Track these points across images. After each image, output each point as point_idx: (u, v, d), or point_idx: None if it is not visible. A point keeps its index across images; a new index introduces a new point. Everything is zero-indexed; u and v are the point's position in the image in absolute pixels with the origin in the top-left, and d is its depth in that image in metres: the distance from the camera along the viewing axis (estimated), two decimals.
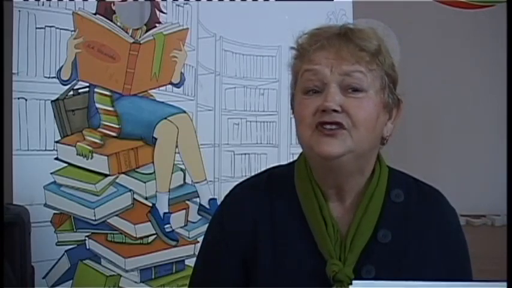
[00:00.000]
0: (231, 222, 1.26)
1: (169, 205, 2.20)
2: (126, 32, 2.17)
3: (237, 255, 1.24)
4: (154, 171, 2.19)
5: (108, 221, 2.15)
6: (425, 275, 1.11)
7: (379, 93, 1.17)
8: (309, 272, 1.18)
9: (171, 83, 2.20)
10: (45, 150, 2.09)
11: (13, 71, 2.05)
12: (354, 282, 1.04)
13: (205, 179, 2.24)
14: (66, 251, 2.12)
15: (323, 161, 1.16)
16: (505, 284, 1.02)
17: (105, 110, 2.15)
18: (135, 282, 2.18)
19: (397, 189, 1.23)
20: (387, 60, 1.19)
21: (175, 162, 2.21)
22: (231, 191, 1.32)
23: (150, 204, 2.19)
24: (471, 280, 1.16)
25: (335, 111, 1.13)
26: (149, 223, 2.19)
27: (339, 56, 1.15)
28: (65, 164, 2.11)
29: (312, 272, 1.18)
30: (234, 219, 1.26)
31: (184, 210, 2.22)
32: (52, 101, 2.10)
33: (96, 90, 2.14)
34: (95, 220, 2.14)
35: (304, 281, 1.18)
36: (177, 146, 2.21)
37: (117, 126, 2.16)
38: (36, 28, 2.08)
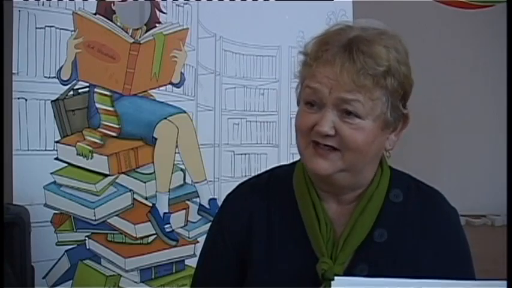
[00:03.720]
0: (229, 219, 1.29)
1: (169, 205, 2.20)
2: (126, 32, 2.17)
3: (234, 252, 1.26)
4: (154, 171, 2.19)
5: (108, 221, 2.16)
6: (421, 275, 1.11)
7: (379, 117, 1.14)
8: (301, 270, 1.19)
9: (171, 83, 2.20)
10: (45, 150, 2.09)
11: (13, 71, 2.05)
12: (336, 278, 1.04)
13: (205, 179, 2.24)
14: (66, 251, 2.12)
15: (314, 176, 1.19)
16: (504, 283, 1.02)
17: (105, 110, 2.15)
18: (135, 282, 2.18)
19: (397, 189, 1.23)
20: (398, 77, 1.14)
21: (175, 162, 2.21)
22: (232, 190, 1.34)
23: (150, 204, 2.19)
24: (468, 279, 1.15)
25: (328, 135, 1.13)
26: (149, 223, 2.19)
27: (341, 79, 1.11)
28: (65, 164, 2.11)
29: (304, 270, 1.19)
30: (231, 216, 1.29)
31: (184, 210, 2.22)
32: (52, 101, 2.10)
33: (96, 90, 2.14)
34: (95, 220, 2.14)
35: (297, 279, 1.19)
36: (177, 146, 2.21)
37: (117, 126, 2.16)
38: (36, 28, 2.07)
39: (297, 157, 1.27)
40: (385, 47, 1.14)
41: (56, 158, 2.11)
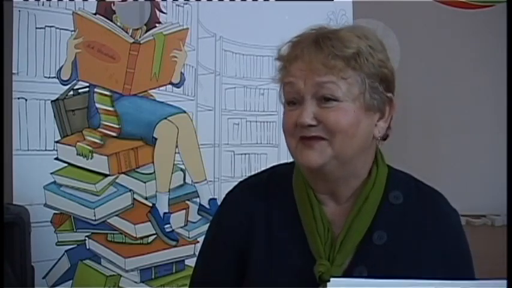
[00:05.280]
0: (228, 217, 1.29)
1: (169, 205, 2.20)
2: (126, 32, 2.17)
3: (233, 251, 1.25)
4: (154, 171, 2.19)
5: (108, 221, 2.16)
6: (421, 278, 1.11)
7: (358, 98, 1.15)
8: (299, 271, 1.19)
9: (171, 83, 2.20)
10: (45, 150, 2.10)
11: (13, 71, 2.05)
12: (332, 279, 1.04)
13: (205, 179, 2.24)
14: (66, 251, 2.12)
15: (307, 170, 1.19)
16: (504, 282, 1.02)
17: (105, 110, 2.15)
18: (135, 282, 2.18)
19: (396, 191, 1.22)
20: (371, 60, 1.16)
21: (175, 162, 2.21)
22: (232, 189, 1.34)
23: (150, 204, 2.19)
24: (465, 279, 1.15)
25: (311, 125, 1.14)
26: (149, 223, 2.19)
27: (311, 66, 1.14)
28: (65, 164, 2.12)
29: (302, 271, 1.18)
30: (231, 214, 1.29)
31: (184, 210, 2.23)
32: (52, 101, 2.10)
33: (96, 90, 2.14)
34: (95, 220, 2.14)
35: (295, 279, 1.19)
36: (177, 146, 2.21)
37: (117, 126, 2.16)
38: (36, 28, 2.08)
39: None
40: (352, 33, 1.18)
41: (56, 158, 2.11)
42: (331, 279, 1.04)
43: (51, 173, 2.10)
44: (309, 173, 1.20)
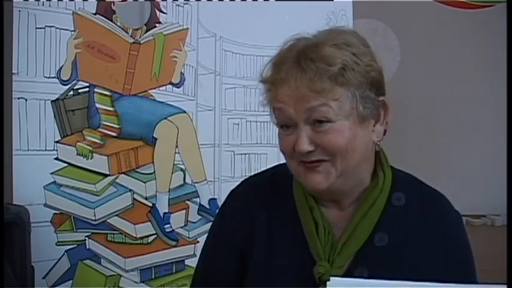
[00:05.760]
0: (231, 215, 1.29)
1: (169, 205, 2.20)
2: (126, 32, 2.17)
3: (234, 249, 1.25)
4: (154, 171, 2.19)
5: (108, 221, 2.16)
6: (422, 280, 1.10)
7: (351, 113, 1.13)
8: (299, 272, 1.19)
9: (171, 83, 2.20)
10: (45, 150, 2.09)
11: (13, 71, 2.05)
12: (331, 278, 1.04)
13: (205, 179, 2.24)
14: (66, 251, 2.12)
15: (313, 192, 1.19)
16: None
17: (105, 110, 2.15)
18: (135, 282, 2.18)
19: (399, 193, 1.22)
20: (358, 69, 1.12)
21: (175, 162, 2.21)
22: (235, 188, 1.34)
23: (150, 204, 2.19)
24: (466, 281, 1.15)
25: (310, 151, 1.13)
26: (149, 223, 2.19)
27: (298, 92, 1.11)
28: (65, 164, 2.11)
29: (302, 272, 1.18)
30: (233, 213, 1.29)
31: (184, 210, 2.22)
32: (52, 101, 2.10)
33: (96, 90, 2.14)
34: (95, 220, 2.14)
35: (295, 280, 1.19)
36: (177, 146, 2.21)
37: (117, 126, 2.16)
38: (36, 28, 2.07)
39: None
40: (334, 46, 1.13)
41: (56, 158, 2.11)
42: (331, 278, 1.03)
43: (51, 173, 2.10)
44: (313, 192, 1.20)
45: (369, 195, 1.20)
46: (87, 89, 2.13)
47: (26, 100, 2.07)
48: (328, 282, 1.02)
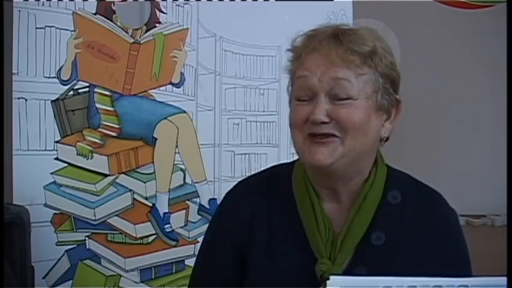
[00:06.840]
0: (228, 217, 1.29)
1: (169, 205, 2.20)
2: (126, 32, 2.17)
3: (233, 249, 1.26)
4: (154, 171, 2.19)
5: (108, 221, 2.15)
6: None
7: (371, 97, 1.16)
8: (300, 270, 1.19)
9: (171, 83, 2.20)
10: (45, 150, 2.09)
11: (13, 71, 2.05)
12: (331, 277, 1.04)
13: (205, 179, 2.24)
14: (66, 251, 2.12)
15: (315, 168, 1.18)
16: (504, 279, 1.01)
17: (105, 110, 2.15)
18: (135, 282, 2.18)
19: (395, 191, 1.23)
20: (384, 61, 1.18)
21: (175, 162, 2.21)
22: (232, 188, 1.34)
23: (150, 204, 2.19)
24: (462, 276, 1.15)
25: (324, 122, 1.14)
26: (149, 223, 2.19)
27: (328, 60, 1.14)
28: (65, 164, 2.11)
29: (303, 270, 1.19)
30: (232, 213, 1.29)
31: (184, 210, 2.22)
32: (52, 101, 2.10)
33: (96, 90, 2.14)
34: (95, 220, 2.14)
35: (296, 278, 1.19)
36: (177, 146, 2.21)
37: (117, 126, 2.16)
38: (36, 28, 2.07)
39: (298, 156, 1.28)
40: (369, 33, 1.19)
41: (56, 158, 2.11)
42: (331, 277, 1.04)
43: (51, 173, 2.10)
44: (314, 170, 1.20)
45: (362, 189, 1.21)
46: (87, 89, 2.13)
47: (26, 100, 2.07)
48: (328, 282, 1.03)
